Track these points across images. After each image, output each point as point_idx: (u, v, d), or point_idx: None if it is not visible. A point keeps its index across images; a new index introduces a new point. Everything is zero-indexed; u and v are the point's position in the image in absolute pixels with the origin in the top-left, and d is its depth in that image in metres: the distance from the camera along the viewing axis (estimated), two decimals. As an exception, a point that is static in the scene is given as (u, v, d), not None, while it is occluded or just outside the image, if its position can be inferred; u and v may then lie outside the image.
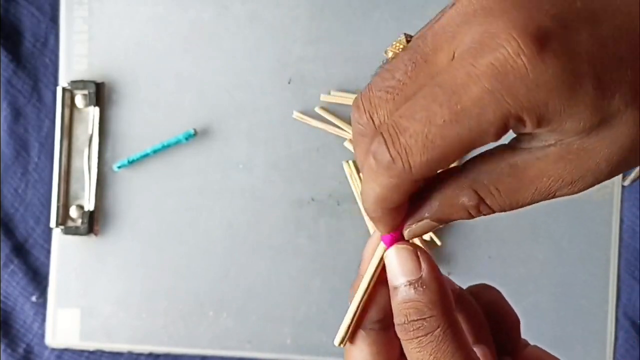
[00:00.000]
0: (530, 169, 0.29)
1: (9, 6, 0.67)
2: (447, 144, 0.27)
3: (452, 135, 0.27)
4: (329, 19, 0.65)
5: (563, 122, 0.27)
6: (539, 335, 0.65)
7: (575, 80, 0.26)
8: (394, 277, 0.32)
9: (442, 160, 0.28)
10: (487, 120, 0.26)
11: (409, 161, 0.28)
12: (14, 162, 0.67)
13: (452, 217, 0.31)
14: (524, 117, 0.27)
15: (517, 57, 0.26)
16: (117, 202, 0.66)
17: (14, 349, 0.66)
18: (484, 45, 0.26)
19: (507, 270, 0.64)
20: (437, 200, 0.31)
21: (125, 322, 0.66)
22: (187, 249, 0.65)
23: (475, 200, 0.30)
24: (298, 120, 0.65)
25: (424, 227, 0.32)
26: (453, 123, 0.27)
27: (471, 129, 0.27)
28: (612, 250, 0.64)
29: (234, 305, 0.65)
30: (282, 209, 0.65)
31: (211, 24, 0.66)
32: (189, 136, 0.65)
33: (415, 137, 0.27)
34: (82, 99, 0.65)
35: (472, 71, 0.26)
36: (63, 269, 0.66)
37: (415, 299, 0.31)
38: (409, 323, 0.31)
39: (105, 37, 0.66)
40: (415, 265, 0.32)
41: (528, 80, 0.26)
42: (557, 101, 0.26)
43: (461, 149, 0.28)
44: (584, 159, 0.28)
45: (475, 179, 0.30)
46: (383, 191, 0.30)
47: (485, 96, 0.26)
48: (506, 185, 0.29)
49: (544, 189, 0.29)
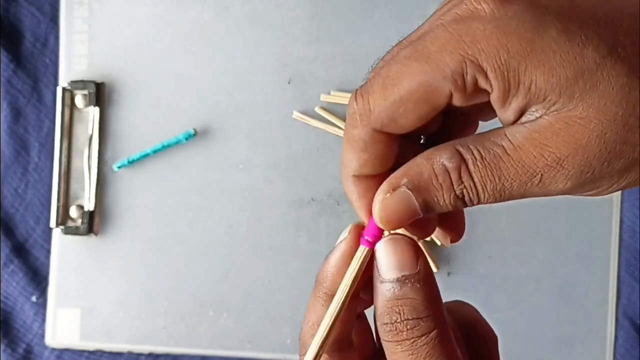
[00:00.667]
0: (516, 137, 0.27)
1: (9, 6, 0.67)
2: (405, 83, 0.27)
3: (410, 72, 0.27)
4: (329, 19, 0.65)
5: (532, 76, 0.25)
6: (539, 335, 0.65)
7: (537, 23, 0.25)
8: (386, 270, 0.29)
9: (400, 104, 0.27)
10: (444, 61, 0.26)
11: (369, 102, 0.27)
12: (14, 162, 0.67)
13: (431, 186, 0.28)
14: (484, 64, 0.26)
15: (477, 4, 0.26)
16: (117, 202, 0.66)
17: (14, 349, 0.66)
18: (453, 4, 0.27)
19: (507, 270, 0.64)
20: (415, 162, 0.28)
21: (125, 322, 0.66)
22: (187, 249, 0.65)
23: (456, 160, 0.27)
24: (298, 120, 0.65)
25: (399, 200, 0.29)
26: (412, 60, 0.27)
27: (427, 68, 0.26)
28: (612, 250, 0.64)
29: (234, 305, 0.65)
30: (282, 209, 0.65)
31: (211, 24, 0.66)
32: (189, 136, 0.65)
33: (378, 77, 0.27)
34: (82, 99, 0.65)
35: (438, 22, 0.27)
36: (63, 269, 0.66)
37: (412, 296, 0.29)
38: (402, 322, 0.29)
39: (105, 37, 0.66)
40: (413, 259, 0.29)
41: (486, 21, 0.26)
42: (517, 44, 0.25)
43: (419, 94, 0.27)
44: (572, 130, 0.26)
45: (460, 142, 0.28)
46: (349, 148, 0.29)
47: (444, 35, 0.26)
48: (489, 150, 0.27)
49: (528, 161, 0.27)
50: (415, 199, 0.28)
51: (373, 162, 0.29)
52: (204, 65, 0.66)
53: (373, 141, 0.28)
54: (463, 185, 0.28)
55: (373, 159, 0.29)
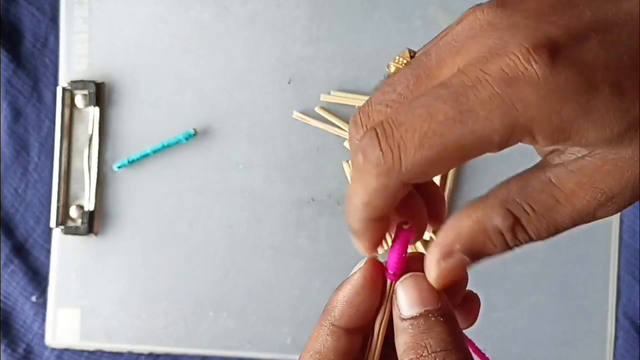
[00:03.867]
0: (565, 183, 0.27)
1: (9, 6, 0.67)
2: (445, 144, 0.26)
3: (452, 135, 0.25)
4: (329, 19, 0.65)
5: (584, 132, 0.25)
6: (539, 335, 0.65)
7: (589, 85, 0.25)
8: (408, 307, 0.29)
9: (436, 163, 0.26)
10: (492, 126, 0.25)
11: (400, 157, 0.26)
12: (14, 162, 0.67)
13: (486, 246, 0.28)
14: (534, 130, 0.25)
15: (527, 64, 0.25)
16: (117, 202, 0.66)
17: (14, 349, 0.66)
18: (493, 54, 0.25)
19: (507, 270, 0.64)
20: (466, 226, 0.28)
21: (125, 322, 0.66)
22: (187, 249, 0.65)
23: (509, 221, 0.27)
24: (298, 120, 0.65)
25: (455, 264, 0.29)
26: (456, 122, 0.25)
27: (474, 132, 0.25)
28: (612, 250, 0.64)
29: (234, 305, 0.65)
30: (282, 209, 0.65)
31: (211, 24, 0.66)
32: (189, 136, 0.65)
33: (412, 131, 0.26)
34: (82, 99, 0.65)
35: (481, 76, 0.25)
36: (63, 269, 0.66)
37: (437, 329, 0.29)
38: (430, 354, 0.28)
39: (105, 37, 0.66)
40: (434, 295, 0.29)
41: (539, 87, 0.25)
42: (571, 108, 0.25)
43: (459, 154, 0.26)
44: (621, 170, 0.26)
45: (506, 199, 0.28)
46: (368, 194, 0.27)
47: (494, 100, 0.25)
48: (541, 202, 0.27)
49: (582, 206, 0.27)
50: (468, 259, 0.29)
51: (390, 206, 0.28)
52: (204, 65, 0.66)
53: (397, 191, 0.27)
54: (518, 240, 0.28)
55: (391, 204, 0.28)
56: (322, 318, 0.32)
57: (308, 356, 0.31)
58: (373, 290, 0.31)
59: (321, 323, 0.32)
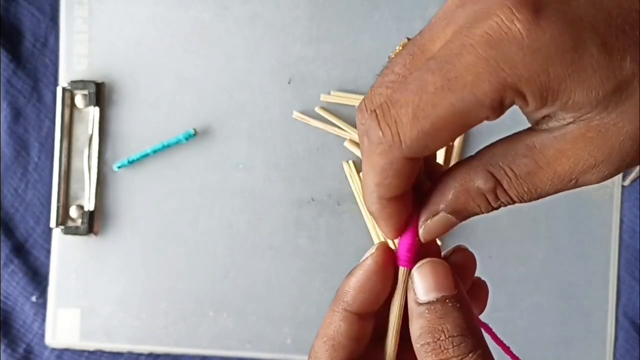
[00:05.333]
0: (547, 149, 0.27)
1: (9, 6, 0.67)
2: (438, 113, 0.26)
3: (444, 104, 0.26)
4: (329, 19, 0.65)
5: (571, 93, 0.25)
6: (539, 335, 0.65)
7: (576, 42, 0.25)
8: (425, 292, 0.30)
9: (433, 134, 0.26)
10: (482, 90, 0.25)
11: (398, 133, 0.26)
12: (14, 162, 0.67)
13: (469, 207, 0.29)
14: (524, 89, 0.25)
15: (511, 24, 0.25)
16: (117, 202, 0.66)
17: (14, 349, 0.66)
18: (477, 19, 0.26)
19: (507, 270, 0.64)
20: (450, 188, 0.29)
21: (125, 322, 0.66)
22: (187, 249, 0.65)
23: (491, 183, 0.28)
24: (298, 120, 0.65)
25: (440, 223, 0.30)
26: (445, 90, 0.25)
27: (464, 99, 0.25)
28: (612, 250, 0.64)
29: (234, 305, 0.65)
30: (282, 209, 0.65)
31: (211, 24, 0.66)
32: (189, 136, 0.65)
33: (406, 106, 0.26)
34: (82, 99, 0.65)
35: (465, 41, 0.25)
36: (63, 269, 0.66)
37: (455, 314, 0.29)
38: (447, 339, 0.28)
39: (105, 37, 0.66)
40: (451, 281, 0.30)
41: (524, 46, 0.25)
42: (558, 67, 0.25)
43: (454, 122, 0.26)
44: (606, 136, 0.26)
45: (489, 161, 0.28)
46: (377, 173, 0.28)
47: (480, 63, 0.25)
48: (522, 167, 0.27)
49: (564, 172, 0.27)
50: (454, 218, 0.29)
51: (402, 184, 0.29)
52: (204, 65, 0.66)
53: (404, 167, 0.28)
54: (500, 202, 0.29)
55: (402, 182, 0.28)
56: (334, 304, 0.32)
57: (321, 342, 0.32)
58: (385, 275, 0.31)
59: (333, 309, 0.32)
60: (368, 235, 0.64)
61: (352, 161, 0.64)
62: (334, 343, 0.31)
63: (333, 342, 0.31)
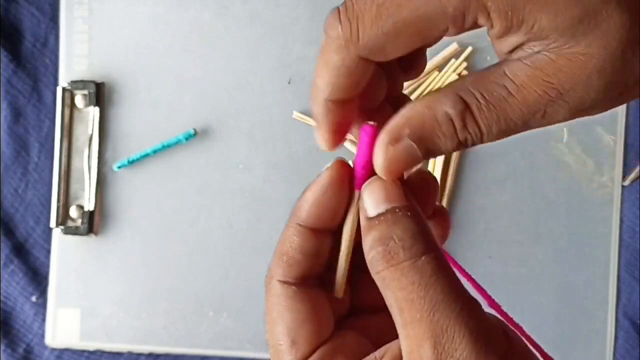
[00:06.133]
0: (517, 75, 0.27)
1: (9, 6, 0.67)
2: (402, 14, 0.26)
3: (409, 5, 0.26)
4: (329, 19, 0.65)
5: (537, 16, 0.26)
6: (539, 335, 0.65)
7: None
8: (374, 207, 0.28)
9: (393, 35, 0.26)
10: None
11: (358, 29, 0.26)
12: (14, 162, 0.67)
13: (435, 135, 0.27)
14: (488, 3, 0.25)
15: None
16: (117, 202, 0.66)
17: (14, 349, 0.66)
18: None
19: (507, 270, 0.64)
20: (416, 111, 0.28)
21: (125, 322, 0.66)
22: (187, 249, 0.65)
23: (460, 106, 0.27)
24: (298, 120, 0.65)
25: (403, 153, 0.28)
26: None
27: (429, 2, 0.26)
28: (612, 250, 0.64)
29: (234, 305, 0.65)
30: (282, 209, 0.65)
31: (211, 24, 0.66)
32: (189, 136, 0.65)
33: (371, 3, 0.26)
34: (82, 99, 0.65)
35: None
36: (63, 269, 0.66)
37: (406, 221, 0.27)
38: (397, 243, 0.27)
39: (105, 37, 0.66)
40: (401, 193, 0.28)
41: None
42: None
43: (415, 27, 0.26)
44: (574, 65, 0.26)
45: (460, 87, 0.27)
46: (329, 72, 0.28)
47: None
48: (493, 93, 0.27)
49: (532, 99, 0.27)
50: (418, 149, 0.28)
51: (351, 87, 0.28)
52: (204, 65, 0.66)
53: (356, 67, 0.27)
54: (468, 131, 0.27)
55: (351, 84, 0.28)
56: (289, 220, 0.31)
57: (276, 259, 0.31)
58: (340, 189, 0.30)
59: (288, 225, 0.31)
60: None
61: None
62: (288, 258, 0.30)
63: (287, 257, 0.30)
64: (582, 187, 0.64)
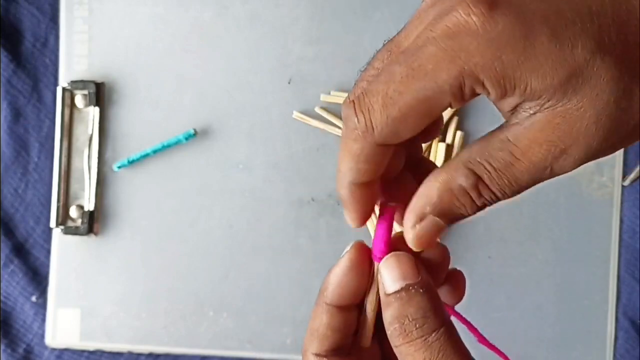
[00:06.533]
0: (520, 140, 0.29)
1: (9, 6, 0.67)
2: (404, 100, 0.28)
3: (409, 91, 0.28)
4: (329, 19, 0.65)
5: (527, 80, 0.27)
6: (539, 335, 0.65)
7: (527, 32, 0.27)
8: (391, 283, 0.32)
9: (401, 119, 0.28)
10: (442, 77, 0.27)
11: (371, 119, 0.29)
12: (14, 162, 0.67)
13: (454, 207, 0.30)
14: (480, 76, 0.27)
15: (467, 17, 0.27)
16: (117, 202, 0.66)
17: (14, 349, 0.66)
18: (441, 15, 0.28)
19: (507, 270, 0.64)
20: (434, 189, 0.30)
21: (125, 322, 0.66)
22: (187, 249, 0.65)
23: (472, 179, 0.29)
24: (298, 120, 0.65)
25: (429, 227, 0.31)
26: (409, 78, 0.28)
27: (426, 86, 0.28)
28: (612, 250, 0.64)
29: (234, 305, 0.65)
30: (282, 209, 0.65)
31: (211, 24, 0.66)
32: (189, 136, 0.65)
33: (377, 94, 0.29)
34: (82, 99, 0.65)
35: (429, 35, 0.28)
36: (63, 269, 0.66)
37: (417, 299, 0.31)
38: (410, 322, 0.31)
39: (105, 37, 0.66)
40: (414, 270, 0.32)
41: (478, 36, 0.27)
42: (511, 54, 0.27)
43: (419, 108, 0.28)
44: (570, 121, 0.28)
45: (468, 159, 0.30)
46: (350, 158, 0.30)
47: (439, 53, 0.27)
48: (500, 160, 0.29)
49: (538, 160, 0.29)
50: (441, 220, 0.31)
51: (373, 171, 0.31)
52: (204, 65, 0.66)
53: (375, 153, 0.30)
54: (484, 198, 0.30)
55: (372, 168, 0.30)
56: (318, 299, 0.35)
57: (308, 335, 0.34)
58: (359, 271, 0.33)
59: (317, 303, 0.34)
60: (368, 235, 0.64)
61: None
62: (319, 334, 0.34)
63: (317, 333, 0.34)
64: (582, 187, 0.64)
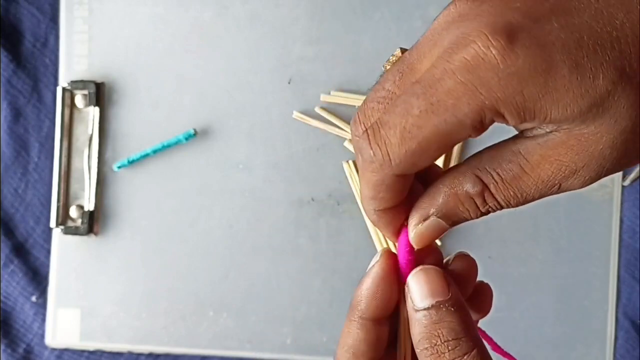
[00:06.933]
0: (531, 155, 0.29)
1: (9, 6, 0.67)
2: (424, 134, 0.28)
3: (428, 125, 0.27)
4: (329, 19, 0.65)
5: (548, 111, 0.27)
6: (539, 335, 0.65)
7: (548, 65, 0.26)
8: (420, 299, 0.31)
9: (420, 153, 0.28)
10: (462, 112, 0.27)
11: (388, 153, 0.28)
12: (14, 162, 0.67)
13: (458, 211, 0.30)
14: (501, 110, 0.27)
15: (487, 50, 0.26)
16: (117, 202, 0.66)
17: (14, 349, 0.66)
18: (458, 44, 0.27)
19: (507, 270, 0.64)
20: (440, 192, 0.30)
21: (125, 322, 0.66)
22: (187, 249, 0.65)
23: (479, 187, 0.29)
24: (298, 120, 0.65)
25: (431, 228, 0.31)
26: (429, 113, 0.27)
27: (447, 120, 0.27)
28: (612, 250, 0.64)
29: (234, 305, 0.65)
30: (282, 209, 0.65)
31: (211, 24, 0.66)
32: (189, 136, 0.65)
33: (394, 128, 0.28)
34: (82, 99, 0.65)
35: (447, 67, 0.27)
36: (63, 269, 0.66)
37: (448, 319, 0.30)
38: (443, 344, 0.30)
39: (105, 37, 0.66)
40: (445, 286, 0.31)
41: (499, 71, 0.26)
42: (532, 88, 0.26)
43: (439, 142, 0.28)
44: (585, 144, 0.27)
45: (477, 166, 0.30)
46: (371, 188, 0.30)
47: (459, 88, 0.27)
48: (508, 171, 0.29)
49: (547, 177, 0.28)
50: (444, 222, 0.31)
51: (395, 197, 0.30)
52: (204, 65, 0.66)
53: (394, 182, 0.30)
54: (488, 206, 0.30)
55: (394, 196, 0.30)
56: (350, 313, 0.33)
57: (343, 352, 0.33)
58: (392, 280, 0.33)
59: (350, 318, 0.33)
60: (368, 235, 0.64)
61: (352, 161, 0.64)
62: (355, 351, 0.33)
63: (354, 349, 0.33)
64: (582, 187, 0.64)
